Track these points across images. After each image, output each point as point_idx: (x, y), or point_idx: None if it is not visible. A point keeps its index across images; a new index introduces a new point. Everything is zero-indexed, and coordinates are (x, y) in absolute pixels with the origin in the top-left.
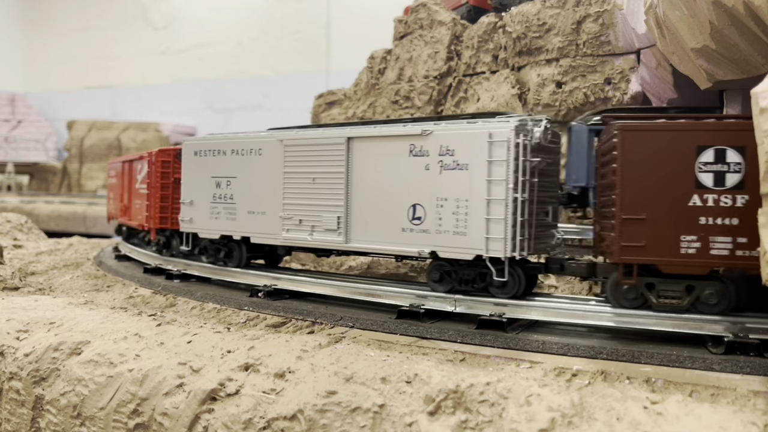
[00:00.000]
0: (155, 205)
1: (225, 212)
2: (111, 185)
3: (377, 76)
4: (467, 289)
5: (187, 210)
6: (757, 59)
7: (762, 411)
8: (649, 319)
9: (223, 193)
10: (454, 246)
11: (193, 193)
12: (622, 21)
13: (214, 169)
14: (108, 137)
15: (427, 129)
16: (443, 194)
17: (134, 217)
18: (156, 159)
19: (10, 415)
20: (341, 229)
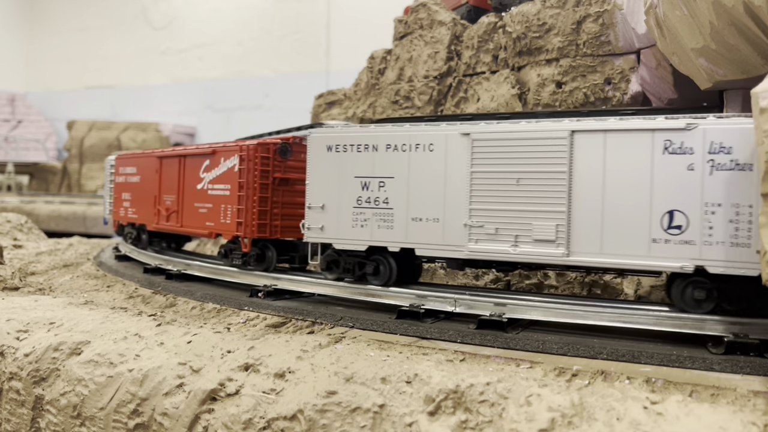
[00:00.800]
0: (251, 210)
1: (376, 219)
2: (124, 185)
3: (377, 76)
4: None
5: (317, 216)
6: (757, 59)
7: (762, 411)
8: (649, 319)
9: (372, 196)
10: (732, 260)
11: (326, 195)
12: (622, 21)
13: (360, 167)
14: (108, 137)
15: (692, 123)
16: (715, 199)
17: (196, 224)
18: (253, 154)
19: (10, 415)
20: (561, 240)
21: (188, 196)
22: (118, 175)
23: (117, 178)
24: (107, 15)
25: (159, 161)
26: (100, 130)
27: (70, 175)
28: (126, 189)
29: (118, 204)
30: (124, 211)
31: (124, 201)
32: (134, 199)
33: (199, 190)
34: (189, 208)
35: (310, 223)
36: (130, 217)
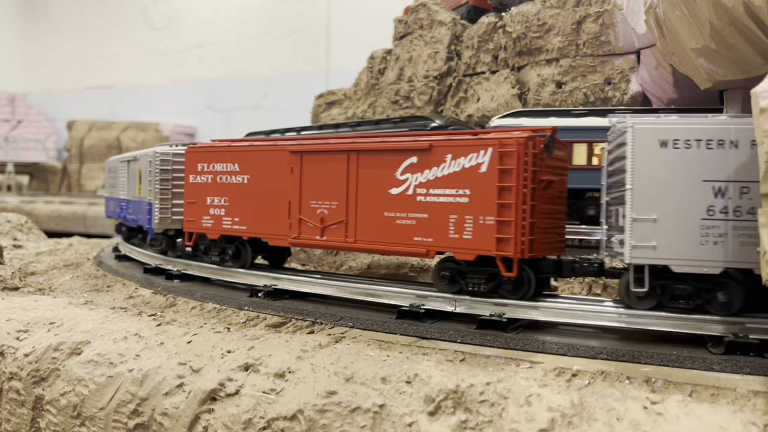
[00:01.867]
0: (521, 223)
1: (735, 235)
2: (212, 186)
3: (377, 76)
4: None
5: (646, 231)
6: (757, 59)
7: (762, 411)
8: (649, 319)
9: (732, 205)
10: None
11: (659, 204)
12: (622, 21)
13: (711, 168)
14: (108, 137)
15: None
16: None
17: (389, 239)
18: (523, 149)
19: (10, 415)
20: None
21: (370, 202)
22: (194, 174)
23: (193, 177)
24: (107, 15)
25: (296, 158)
26: (100, 130)
27: (70, 175)
28: (216, 192)
29: (196, 210)
30: (213, 220)
31: (211, 207)
32: (237, 205)
33: (397, 195)
34: (372, 219)
35: (635, 239)
36: (228, 229)
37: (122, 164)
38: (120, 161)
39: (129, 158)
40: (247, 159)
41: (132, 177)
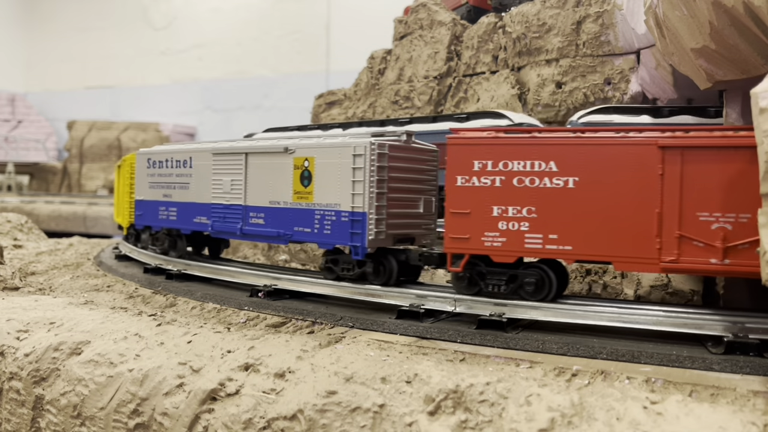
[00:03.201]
0: None
1: None
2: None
3: (377, 76)
4: None
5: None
6: (757, 59)
7: (762, 411)
8: (648, 319)
9: None
10: None
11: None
12: (622, 21)
13: None
14: (108, 137)
15: None
16: None
17: None
18: None
19: (10, 415)
20: None
21: None
22: (464, 174)
23: (463, 179)
24: (107, 15)
25: (672, 155)
26: (100, 130)
27: (70, 175)
28: (511, 199)
29: (469, 224)
30: (506, 237)
31: (502, 220)
32: (552, 218)
33: None
34: None
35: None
36: (536, 248)
37: (223, 158)
38: (215, 153)
39: (246, 149)
40: (573, 156)
41: (268, 175)
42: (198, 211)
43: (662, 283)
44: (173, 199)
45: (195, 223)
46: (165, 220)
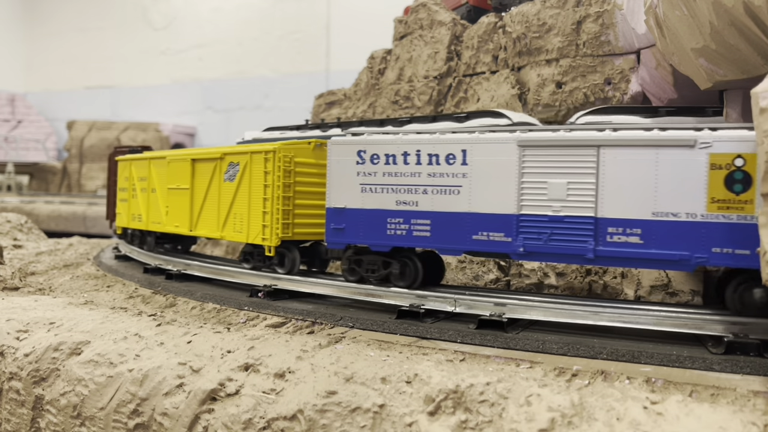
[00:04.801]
0: None
1: None
2: None
3: (377, 76)
4: None
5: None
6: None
7: (762, 411)
8: (648, 319)
9: None
10: None
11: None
12: (622, 21)
13: None
14: (108, 137)
15: None
16: None
17: None
18: None
19: (10, 415)
20: None
21: None
22: None
23: None
24: (107, 15)
25: None
26: (100, 130)
27: (70, 175)
28: None
29: None
30: None
31: None
32: None
33: None
34: None
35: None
36: None
37: (547, 152)
38: (527, 145)
39: (599, 141)
40: None
41: (651, 176)
42: (483, 224)
43: (662, 283)
44: (420, 208)
45: (475, 241)
46: (401, 237)
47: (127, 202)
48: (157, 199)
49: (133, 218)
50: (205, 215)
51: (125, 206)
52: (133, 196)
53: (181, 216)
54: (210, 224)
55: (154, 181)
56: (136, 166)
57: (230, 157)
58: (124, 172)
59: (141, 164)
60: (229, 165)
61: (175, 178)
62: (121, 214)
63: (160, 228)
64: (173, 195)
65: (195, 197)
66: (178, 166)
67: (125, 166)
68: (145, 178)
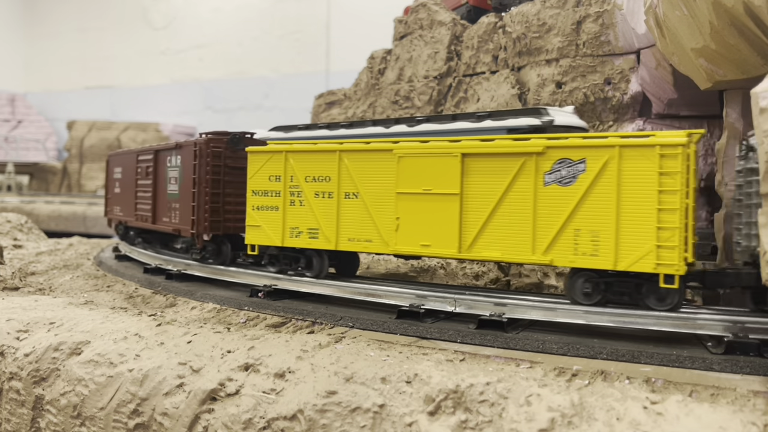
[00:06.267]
0: None
1: None
2: None
3: (377, 76)
4: None
5: None
6: (757, 59)
7: (762, 411)
8: (648, 319)
9: None
10: None
11: None
12: (622, 21)
13: None
14: (108, 137)
15: None
16: None
17: None
18: None
19: (10, 415)
20: None
21: None
22: None
23: None
24: (107, 15)
25: None
26: (100, 130)
27: (70, 175)
28: None
29: None
30: None
31: None
32: None
33: None
34: None
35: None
36: None
37: None
38: None
39: None
40: None
41: None
42: None
43: None
44: None
45: None
46: None
47: (276, 210)
48: (360, 208)
49: (293, 233)
50: (496, 230)
51: (268, 216)
52: (291, 203)
53: (437, 232)
54: (509, 243)
55: (355, 182)
56: (304, 161)
57: (563, 152)
58: (264, 169)
59: (317, 159)
60: (557, 163)
61: (417, 180)
62: (260, 226)
63: (377, 248)
64: (412, 203)
65: (469, 206)
66: (429, 164)
67: (265, 161)
68: (326, 178)
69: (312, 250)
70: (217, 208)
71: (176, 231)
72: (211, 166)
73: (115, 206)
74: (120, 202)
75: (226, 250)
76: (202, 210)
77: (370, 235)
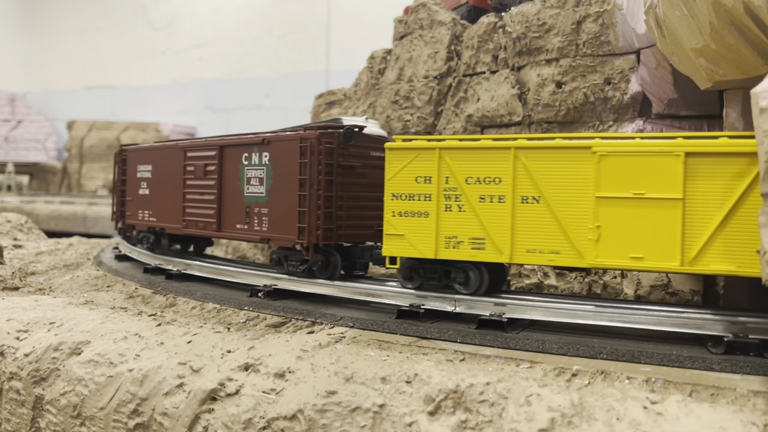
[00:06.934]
0: None
1: None
2: None
3: (377, 76)
4: None
5: None
6: (757, 59)
7: (762, 411)
8: (648, 319)
9: None
10: None
11: None
12: (622, 21)
13: None
14: (108, 137)
15: None
16: None
17: None
18: None
19: (10, 415)
20: None
21: None
22: None
23: None
24: (107, 15)
25: None
26: (100, 130)
27: (70, 175)
28: None
29: None
30: None
31: None
32: None
33: None
34: None
35: None
36: None
37: None
38: None
39: None
40: None
41: None
42: None
43: (662, 283)
44: None
45: None
46: None
47: (426, 217)
48: (543, 215)
49: (449, 243)
50: (731, 241)
51: (415, 224)
52: (446, 208)
53: (652, 242)
54: (749, 255)
55: (536, 184)
56: (465, 159)
57: None
58: (409, 168)
59: (483, 157)
60: None
61: (624, 182)
62: (403, 235)
63: (567, 260)
64: (618, 209)
65: (694, 212)
66: (641, 164)
67: (410, 159)
68: (496, 180)
69: (468, 262)
70: (330, 213)
71: (263, 240)
72: (324, 165)
73: (142, 210)
74: (150, 206)
75: (335, 261)
76: (314, 216)
77: (558, 245)
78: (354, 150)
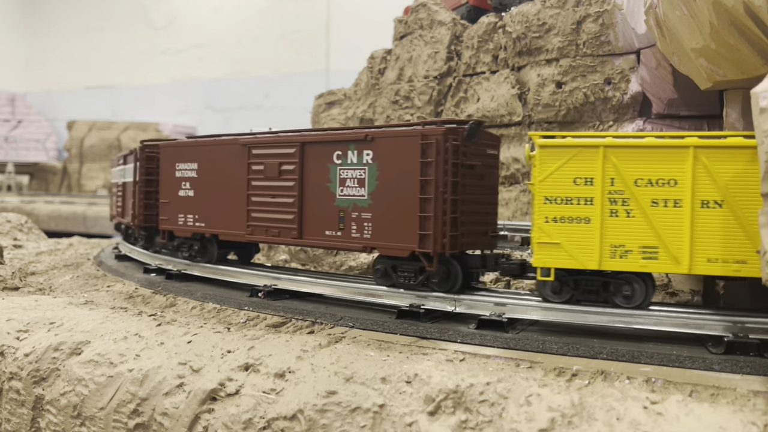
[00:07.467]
0: None
1: None
2: None
3: (377, 76)
4: None
5: None
6: (757, 59)
7: (762, 411)
8: (648, 319)
9: None
10: None
11: None
12: (622, 21)
13: None
14: (108, 137)
15: None
16: None
17: None
18: None
19: (10, 415)
20: None
21: None
22: None
23: None
24: (107, 15)
25: None
26: (100, 130)
27: (70, 175)
28: None
29: None
30: None
31: None
32: None
33: None
34: None
35: None
36: None
37: None
38: None
39: None
40: None
41: None
42: None
43: (662, 283)
44: None
45: None
46: None
47: (587, 223)
48: (726, 221)
49: (615, 252)
50: None
51: (573, 231)
52: (611, 213)
53: None
54: None
55: (719, 186)
56: (635, 159)
57: None
58: (565, 169)
59: (655, 157)
60: None
61: None
62: (559, 243)
63: (755, 271)
64: None
65: None
66: None
67: (567, 158)
68: (671, 182)
69: (632, 273)
70: (455, 219)
71: (365, 249)
72: (450, 165)
73: (184, 214)
74: (196, 209)
75: (455, 272)
76: (440, 222)
77: (744, 254)
78: (474, 148)
